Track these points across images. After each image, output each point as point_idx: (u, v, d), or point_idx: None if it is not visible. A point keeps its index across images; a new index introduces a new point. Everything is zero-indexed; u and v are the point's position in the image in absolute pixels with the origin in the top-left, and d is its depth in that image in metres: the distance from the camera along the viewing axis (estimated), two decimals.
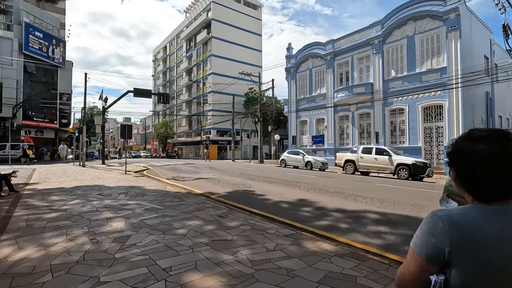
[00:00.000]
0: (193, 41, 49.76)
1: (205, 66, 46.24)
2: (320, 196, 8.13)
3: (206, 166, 20.23)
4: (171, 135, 52.22)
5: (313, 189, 9.45)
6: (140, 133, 76.33)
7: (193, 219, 5.30)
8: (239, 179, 12.14)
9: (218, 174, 14.26)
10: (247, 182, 10.97)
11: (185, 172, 15.37)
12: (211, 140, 41.55)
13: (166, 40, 60.84)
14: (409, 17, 19.11)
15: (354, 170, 15.95)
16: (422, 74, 18.50)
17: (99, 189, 8.84)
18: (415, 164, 13.47)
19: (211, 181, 11.34)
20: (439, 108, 17.85)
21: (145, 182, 10.63)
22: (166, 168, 17.93)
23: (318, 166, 18.89)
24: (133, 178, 12.16)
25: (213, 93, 42.86)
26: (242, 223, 5.14)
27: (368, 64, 21.83)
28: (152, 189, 8.90)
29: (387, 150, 14.69)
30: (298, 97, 27.61)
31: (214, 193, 8.62)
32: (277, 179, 12.03)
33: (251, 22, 49.29)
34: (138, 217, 5.43)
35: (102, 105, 21.56)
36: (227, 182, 11.10)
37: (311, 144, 25.89)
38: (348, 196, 8.09)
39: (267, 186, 10.14)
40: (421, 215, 6.06)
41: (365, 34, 21.95)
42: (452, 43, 17.05)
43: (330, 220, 5.68)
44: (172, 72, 58.55)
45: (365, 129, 21.99)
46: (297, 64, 27.63)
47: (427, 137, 18.39)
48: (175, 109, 55.35)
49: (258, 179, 12.16)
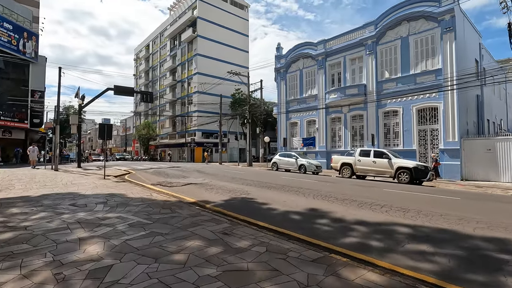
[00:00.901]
0: (177, 39, 48.13)
1: (190, 65, 44.74)
2: (331, 205, 7.22)
3: (194, 169, 18.94)
4: (153, 136, 50.12)
5: (319, 195, 8.53)
6: (120, 134, 73.19)
7: (191, 238, 4.21)
8: (233, 184, 11.06)
9: (209, 178, 13.09)
10: (243, 188, 9.92)
11: (171, 176, 14.07)
12: (196, 142, 40.06)
13: (149, 38, 58.68)
14: (403, 17, 18.84)
15: (351, 174, 15.27)
16: (417, 76, 18.22)
17: (72, 198, 7.50)
18: (416, 168, 12.92)
19: (203, 187, 10.19)
20: (434, 111, 17.59)
21: (127, 189, 9.32)
22: (150, 172, 16.51)
23: (312, 169, 18.12)
24: (113, 183, 10.78)
25: (198, 94, 41.42)
26: (253, 243, 4.11)
27: (361, 65, 21.42)
28: (136, 198, 7.66)
29: (387, 153, 14.11)
30: (289, 98, 26.87)
31: (209, 202, 7.51)
32: (274, 184, 11.05)
33: (238, 22, 48.36)
34: (120, 236, 4.26)
35: (79, 103, 19.78)
36: (220, 188, 9.99)
37: (301, 147, 25.17)
38: (363, 204, 7.23)
39: (267, 192, 9.13)
40: (457, 228, 5.26)
41: (358, 34, 21.55)
42: (447, 44, 16.85)
43: (357, 236, 4.75)
44: (155, 71, 56.46)
45: (357, 132, 21.51)
46: (288, 64, 26.92)
47: (421, 139, 18.08)
48: (158, 109, 53.30)
49: (254, 184, 11.13)
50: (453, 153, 16.33)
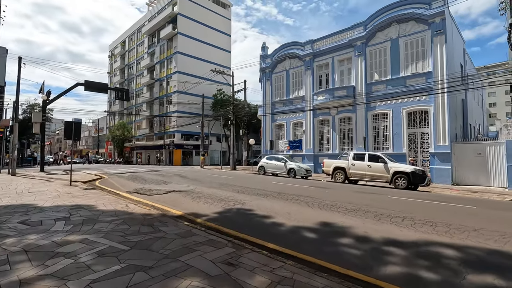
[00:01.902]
0: (156, 36, 45.91)
1: (170, 64, 42.73)
2: (344, 217, 6.21)
3: (175, 174, 17.39)
4: (129, 138, 47.31)
5: (324, 205, 7.52)
6: (92, 135, 68.93)
7: (185, 275, 2.99)
8: (222, 191, 9.80)
9: (193, 184, 11.73)
10: (236, 196, 8.71)
11: (150, 182, 12.53)
12: (175, 144, 38.12)
13: (125, 34, 55.73)
14: (393, 19, 18.56)
15: (344, 179, 14.49)
16: (407, 78, 17.95)
17: (24, 211, 5.93)
18: (414, 172, 12.35)
19: (188, 195, 8.85)
20: (424, 114, 17.36)
21: (97, 198, 7.81)
22: (125, 177, 14.79)
23: (302, 173, 17.22)
24: (81, 191, 9.16)
25: (178, 93, 39.54)
26: (271, 279, 2.97)
27: (350, 67, 20.95)
28: (109, 210, 6.23)
29: (382, 157, 13.46)
30: (274, 99, 25.96)
31: (199, 215, 6.26)
32: (269, 191, 9.93)
33: (220, 21, 47.04)
34: (84, 275, 2.95)
35: (43, 99, 17.57)
36: (209, 196, 8.71)
37: (287, 150, 24.30)
38: (380, 217, 6.29)
39: (264, 201, 7.99)
40: (510, 249, 4.40)
41: (347, 35, 21.09)
42: (437, 47, 16.68)
43: (398, 263, 3.73)
44: (131, 69, 53.60)
45: (346, 134, 20.97)
46: (273, 64, 26.03)
47: (411, 143, 17.78)
48: (134, 109, 50.53)
49: (246, 191, 9.94)
50: (443, 157, 16.09)
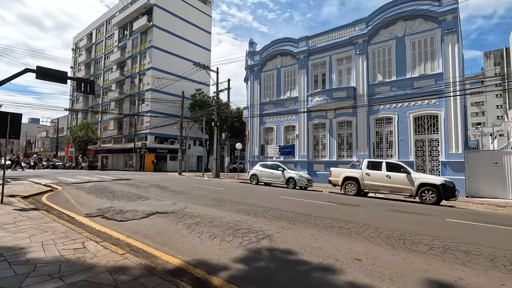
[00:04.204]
0: (128, 29, 41.78)
1: (143, 59, 38.87)
2: (449, 266, 3.87)
3: (151, 184, 14.24)
4: (93, 140, 42.29)
5: (390, 238, 5.15)
6: (51, 136, 61.84)
7: None
8: (226, 212, 7.12)
9: (181, 199, 8.88)
10: (251, 222, 6.09)
11: (120, 196, 9.43)
12: (147, 147, 34.27)
13: (93, 25, 50.61)
14: (398, 16, 17.13)
15: (357, 191, 12.39)
16: (414, 80, 16.49)
17: None
18: (444, 185, 10.53)
19: (181, 221, 6.07)
20: (433, 119, 15.94)
21: (35, 230, 4.82)
22: (86, 189, 11.43)
23: (303, 183, 14.93)
24: (12, 216, 6.00)
25: (152, 91, 35.84)
26: None
27: (349, 66, 19.23)
28: (49, 261, 3.39)
29: (404, 166, 11.55)
30: (263, 99, 23.61)
31: (212, 266, 3.63)
32: (290, 212, 7.40)
33: (200, 17, 44.10)
34: None
35: None
36: (212, 222, 6.00)
37: (278, 156, 21.97)
38: (493, 259, 4.03)
39: (297, 231, 5.46)
40: None
41: (347, 32, 19.40)
42: (448, 47, 15.39)
43: None
44: (98, 64, 48.55)
45: (345, 140, 19.10)
46: (263, 62, 23.75)
47: (419, 150, 16.26)
48: (101, 108, 45.57)
49: (258, 211, 7.34)
50: (456, 167, 14.67)
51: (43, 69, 15.63)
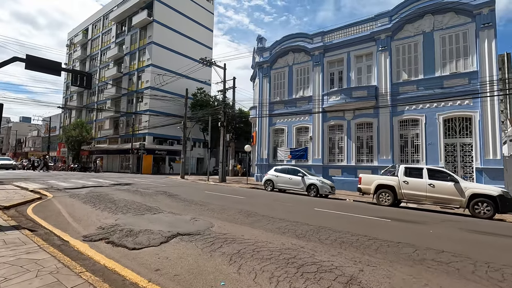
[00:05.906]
0: (126, 24, 39.95)
1: (143, 55, 37.07)
2: None
3: (157, 190, 12.53)
4: (87, 140, 40.22)
5: None
6: (42, 135, 59.37)
7: None
8: (267, 234, 5.50)
9: (199, 212, 7.25)
10: (308, 250, 4.50)
11: (124, 207, 7.75)
12: (146, 148, 32.42)
13: (89, 21, 48.60)
14: (426, 10, 15.81)
15: (393, 200, 10.90)
16: (444, 79, 15.14)
17: None
18: (503, 196, 9.09)
19: (217, 252, 4.44)
20: (466, 121, 14.59)
21: (9, 269, 3.15)
22: (81, 197, 9.70)
23: (326, 191, 13.39)
24: None
25: (151, 89, 34.06)
26: None
27: (370, 64, 17.83)
28: None
29: (451, 174, 10.10)
30: (273, 99, 22.08)
31: None
32: (347, 233, 5.84)
33: (202, 14, 42.52)
34: None
35: None
36: (258, 253, 4.39)
37: (289, 159, 20.43)
38: None
39: (382, 267, 3.90)
40: None
41: (367, 27, 18.02)
42: (484, 43, 14.08)
43: None
44: (94, 61, 46.53)
45: (364, 143, 17.65)
46: (273, 58, 22.24)
47: (449, 155, 14.88)
48: (96, 107, 43.52)
49: (309, 233, 5.74)
50: (494, 174, 13.30)
51: (34, 58, 13.65)
